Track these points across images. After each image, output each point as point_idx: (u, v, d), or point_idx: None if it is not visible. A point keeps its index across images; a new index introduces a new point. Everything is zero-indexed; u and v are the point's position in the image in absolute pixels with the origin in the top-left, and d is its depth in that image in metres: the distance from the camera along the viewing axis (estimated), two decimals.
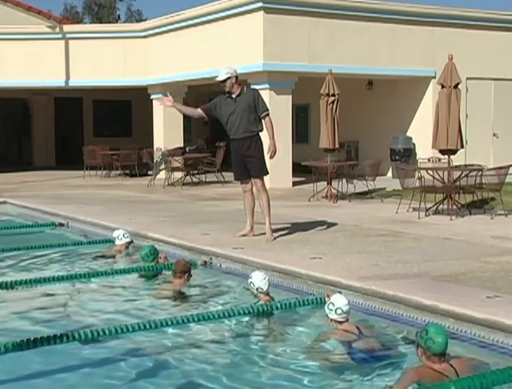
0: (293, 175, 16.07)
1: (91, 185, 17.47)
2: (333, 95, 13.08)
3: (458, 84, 11.02)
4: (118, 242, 8.53)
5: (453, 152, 11.18)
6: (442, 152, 11.32)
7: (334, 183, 13.34)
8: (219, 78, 8.51)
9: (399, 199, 11.44)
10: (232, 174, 9.10)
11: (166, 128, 19.42)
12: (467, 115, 17.48)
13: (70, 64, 19.86)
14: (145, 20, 29.11)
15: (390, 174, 17.09)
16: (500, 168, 11.03)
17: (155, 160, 17.98)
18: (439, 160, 13.76)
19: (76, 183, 18.01)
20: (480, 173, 10.92)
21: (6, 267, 8.09)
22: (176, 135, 19.29)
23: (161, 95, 19.01)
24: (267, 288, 6.08)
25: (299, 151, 16.80)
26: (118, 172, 20.21)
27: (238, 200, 9.88)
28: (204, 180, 17.43)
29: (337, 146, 13.33)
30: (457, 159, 12.05)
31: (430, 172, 11.20)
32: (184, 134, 19.79)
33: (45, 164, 24.97)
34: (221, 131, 9.63)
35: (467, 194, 11.36)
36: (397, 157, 17.12)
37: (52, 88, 21.92)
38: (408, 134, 17.85)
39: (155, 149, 18.86)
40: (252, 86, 14.18)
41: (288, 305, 6.00)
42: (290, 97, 15.97)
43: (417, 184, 11.12)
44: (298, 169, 15.79)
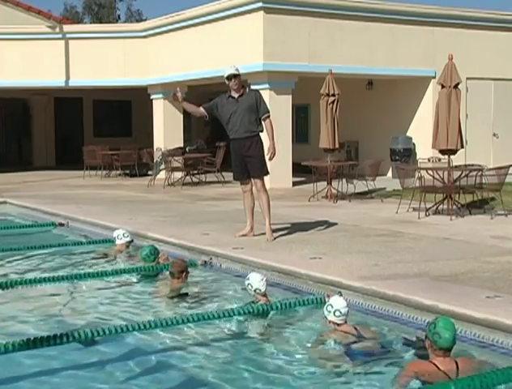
0: (293, 175, 16.07)
1: (91, 185, 17.47)
2: (333, 95, 13.08)
3: (458, 84, 11.02)
4: (119, 242, 8.55)
5: (453, 152, 11.18)
6: (442, 152, 11.32)
7: (334, 183, 13.34)
8: (230, 71, 8.41)
9: (399, 199, 11.44)
10: (232, 174, 9.10)
11: (166, 128, 19.42)
12: (467, 115, 17.48)
13: (70, 64, 19.86)
14: (145, 20, 29.12)
15: (390, 174, 17.09)
16: (500, 168, 11.03)
17: (155, 160, 17.98)
18: (439, 160, 13.75)
19: (76, 183, 18.00)
20: (480, 173, 10.92)
21: (6, 267, 8.09)
22: (176, 135, 19.29)
23: (161, 95, 19.13)
24: (265, 289, 6.09)
25: (299, 151, 16.80)
26: (118, 172, 20.21)
27: (238, 200, 9.88)
28: (204, 180, 17.43)
29: (337, 146, 13.34)
30: (457, 159, 12.04)
31: (430, 172, 11.20)
32: (184, 134, 19.79)
33: (45, 164, 24.97)
34: (221, 131, 9.63)
35: (467, 194, 11.36)
36: (397, 157, 17.12)
37: (52, 88, 21.91)
38: (408, 134, 17.85)
39: (155, 149, 18.85)
40: (252, 86, 14.22)
41: (288, 305, 6.00)
42: (290, 97, 15.97)
43: (417, 184, 11.12)
44: (298, 169, 15.79)
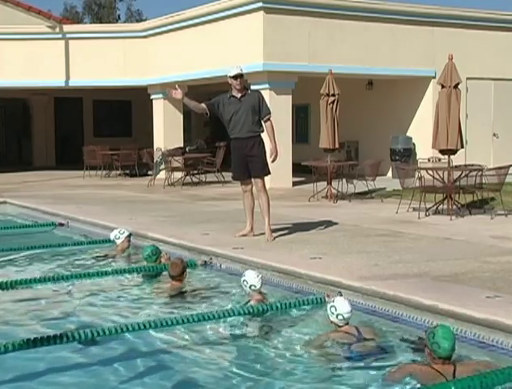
0: (293, 175, 16.07)
1: (91, 185, 17.47)
2: (333, 95, 13.08)
3: (458, 84, 11.02)
4: (119, 241, 8.55)
5: (453, 152, 11.18)
6: (442, 152, 11.32)
7: (334, 183, 13.34)
8: (237, 71, 8.41)
9: (399, 199, 11.44)
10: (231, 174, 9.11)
11: (166, 128, 19.42)
12: (467, 115, 17.48)
13: (70, 64, 19.86)
14: (145, 20, 29.10)
15: (390, 174, 17.09)
16: (500, 168, 11.02)
17: (155, 160, 17.98)
18: (439, 160, 13.75)
19: (76, 183, 18.01)
20: (480, 173, 10.92)
21: (6, 267, 8.09)
22: (176, 135, 19.30)
23: (161, 95, 19.12)
24: (260, 286, 6.12)
25: (299, 151, 16.80)
26: (118, 172, 20.21)
27: (238, 200, 9.87)
28: (204, 180, 17.43)
29: (337, 146, 13.33)
30: (457, 159, 12.04)
31: (430, 172, 11.20)
32: (184, 134, 19.80)
33: (45, 164, 24.98)
34: (221, 131, 9.65)
35: (467, 194, 11.36)
36: (397, 157, 17.12)
37: (52, 88, 21.92)
38: (408, 134, 17.84)
39: (155, 149, 18.86)
40: (252, 86, 14.23)
41: (288, 305, 6.00)
42: (290, 97, 15.97)
43: (417, 184, 11.12)
44: (298, 169, 15.79)
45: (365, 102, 19.09)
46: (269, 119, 8.58)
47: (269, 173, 8.77)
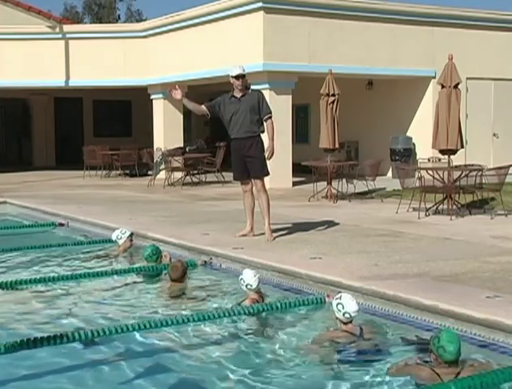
0: (293, 175, 16.07)
1: (91, 185, 17.47)
2: (333, 95, 13.08)
3: (458, 84, 11.02)
4: (121, 241, 8.55)
5: (453, 152, 11.18)
6: (442, 152, 11.32)
7: (334, 183, 13.34)
8: (239, 71, 8.42)
9: (399, 199, 11.44)
10: (232, 174, 9.10)
11: (166, 128, 19.42)
12: (467, 115, 17.48)
13: (70, 64, 19.86)
14: (145, 20, 29.10)
15: (390, 174, 17.09)
16: (500, 168, 11.02)
17: (155, 160, 17.98)
18: (439, 160, 13.75)
19: (76, 183, 18.01)
20: (480, 173, 10.92)
21: (6, 267, 8.10)
22: (176, 135, 19.29)
23: (161, 95, 19.13)
24: (257, 285, 6.12)
25: (299, 151, 16.80)
26: (118, 172, 20.21)
27: (238, 200, 9.88)
28: (204, 180, 17.43)
29: (337, 146, 13.33)
30: (457, 159, 12.04)
31: (430, 172, 11.20)
32: (184, 134, 19.79)
33: (45, 164, 24.97)
34: (221, 131, 9.64)
35: (467, 194, 11.35)
36: (397, 157, 17.12)
37: (52, 88, 21.92)
38: (408, 134, 17.84)
39: (155, 149, 18.85)
40: (252, 86, 14.20)
41: (288, 304, 6.00)
42: (290, 97, 15.97)
43: (417, 184, 11.12)
44: (298, 169, 15.79)
45: (365, 102, 19.09)
46: (270, 118, 8.56)
47: (268, 174, 8.76)
